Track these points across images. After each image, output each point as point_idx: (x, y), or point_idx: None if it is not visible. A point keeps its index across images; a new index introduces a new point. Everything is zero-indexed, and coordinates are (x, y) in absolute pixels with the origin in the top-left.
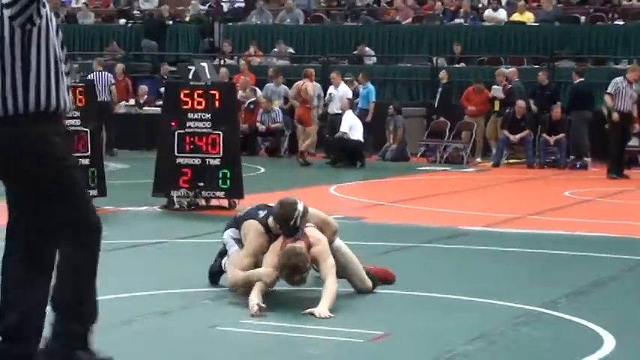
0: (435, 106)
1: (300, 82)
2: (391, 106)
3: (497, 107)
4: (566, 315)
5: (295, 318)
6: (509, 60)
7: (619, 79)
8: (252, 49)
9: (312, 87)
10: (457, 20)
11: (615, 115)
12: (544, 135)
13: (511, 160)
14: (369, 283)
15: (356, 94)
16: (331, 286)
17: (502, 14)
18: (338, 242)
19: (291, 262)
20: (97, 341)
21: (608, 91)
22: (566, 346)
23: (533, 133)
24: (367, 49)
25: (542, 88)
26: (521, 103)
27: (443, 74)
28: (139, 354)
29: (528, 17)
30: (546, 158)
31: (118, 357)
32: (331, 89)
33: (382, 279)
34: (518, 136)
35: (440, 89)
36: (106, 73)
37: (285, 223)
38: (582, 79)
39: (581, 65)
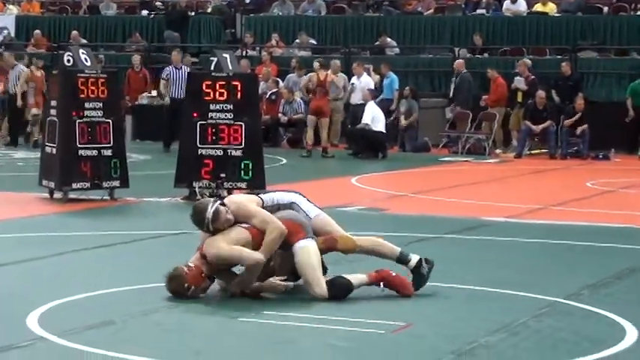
0: (450, 95)
1: (322, 74)
2: (407, 87)
3: (520, 98)
4: (588, 306)
5: (317, 309)
6: (531, 50)
7: None
8: (273, 40)
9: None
10: (479, 11)
11: None
12: (566, 125)
13: (533, 151)
14: (351, 243)
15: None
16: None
17: (521, 6)
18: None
19: (169, 288)
20: (119, 331)
21: None
22: (589, 337)
23: (556, 123)
24: (389, 39)
25: (564, 78)
26: (541, 93)
27: (459, 63)
28: (161, 344)
29: (551, 8)
30: (569, 149)
31: (140, 347)
32: (353, 80)
33: (394, 287)
34: (540, 126)
35: (454, 79)
36: (185, 67)
37: (199, 227)
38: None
39: (604, 55)
